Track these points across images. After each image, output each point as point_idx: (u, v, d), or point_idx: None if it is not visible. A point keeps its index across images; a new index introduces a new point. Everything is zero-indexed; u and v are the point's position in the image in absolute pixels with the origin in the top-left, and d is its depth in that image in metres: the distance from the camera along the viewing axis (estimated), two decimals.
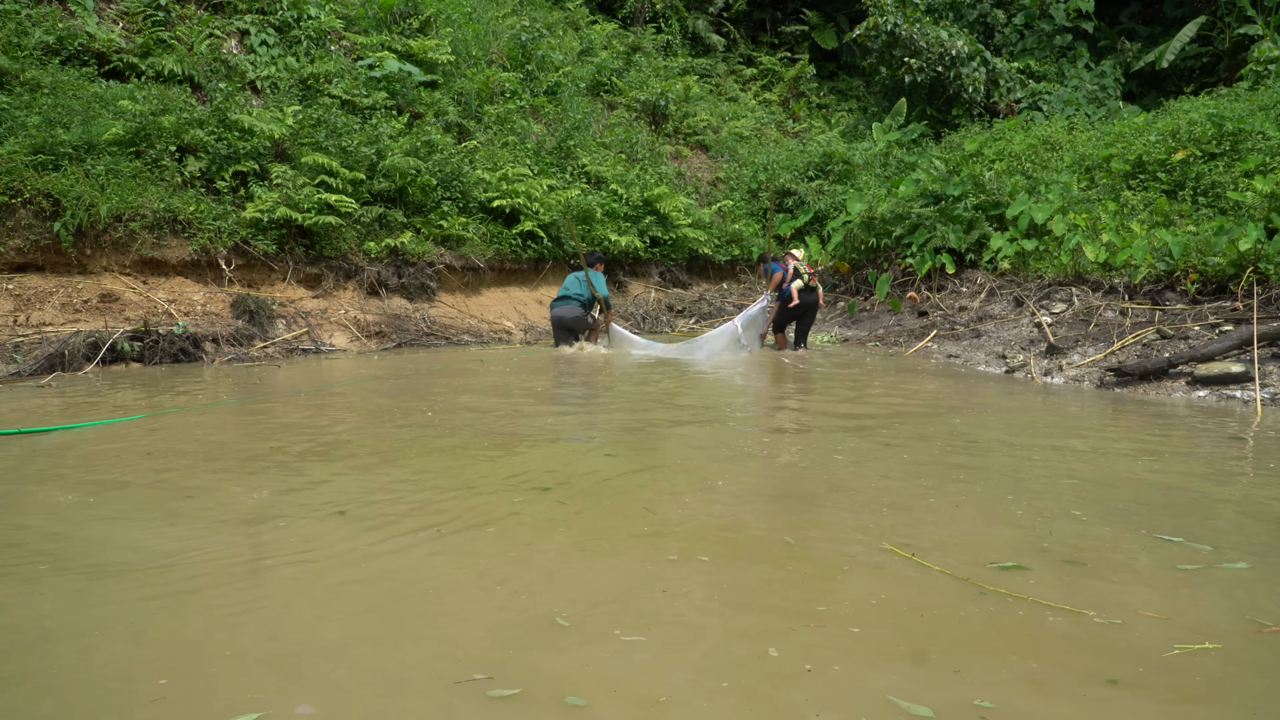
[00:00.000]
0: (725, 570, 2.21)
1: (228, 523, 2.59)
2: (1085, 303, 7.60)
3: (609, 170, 11.62)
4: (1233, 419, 4.57)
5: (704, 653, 1.75)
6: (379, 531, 2.50)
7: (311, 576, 2.14)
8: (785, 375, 6.80)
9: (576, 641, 1.78)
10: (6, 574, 2.17)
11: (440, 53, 10.77)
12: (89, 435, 3.89)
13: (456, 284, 9.70)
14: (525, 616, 1.90)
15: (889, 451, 3.61)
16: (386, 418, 4.45)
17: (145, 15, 8.98)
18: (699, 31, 17.68)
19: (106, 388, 5.48)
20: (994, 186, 9.83)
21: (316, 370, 6.60)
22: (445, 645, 1.77)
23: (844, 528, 2.55)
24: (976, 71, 14.82)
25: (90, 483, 3.07)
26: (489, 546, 2.37)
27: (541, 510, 2.72)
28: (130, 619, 1.90)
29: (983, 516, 2.68)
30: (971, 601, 1.99)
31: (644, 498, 2.86)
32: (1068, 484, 3.10)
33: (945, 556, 2.28)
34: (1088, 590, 2.07)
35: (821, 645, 1.77)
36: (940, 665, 1.68)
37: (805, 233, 12.86)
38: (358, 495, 2.88)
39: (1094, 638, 1.81)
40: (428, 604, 1.98)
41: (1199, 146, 9.14)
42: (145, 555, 2.30)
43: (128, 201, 7.18)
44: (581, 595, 2.03)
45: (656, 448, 3.73)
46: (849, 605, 1.97)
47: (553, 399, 5.28)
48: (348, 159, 8.60)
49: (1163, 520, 2.64)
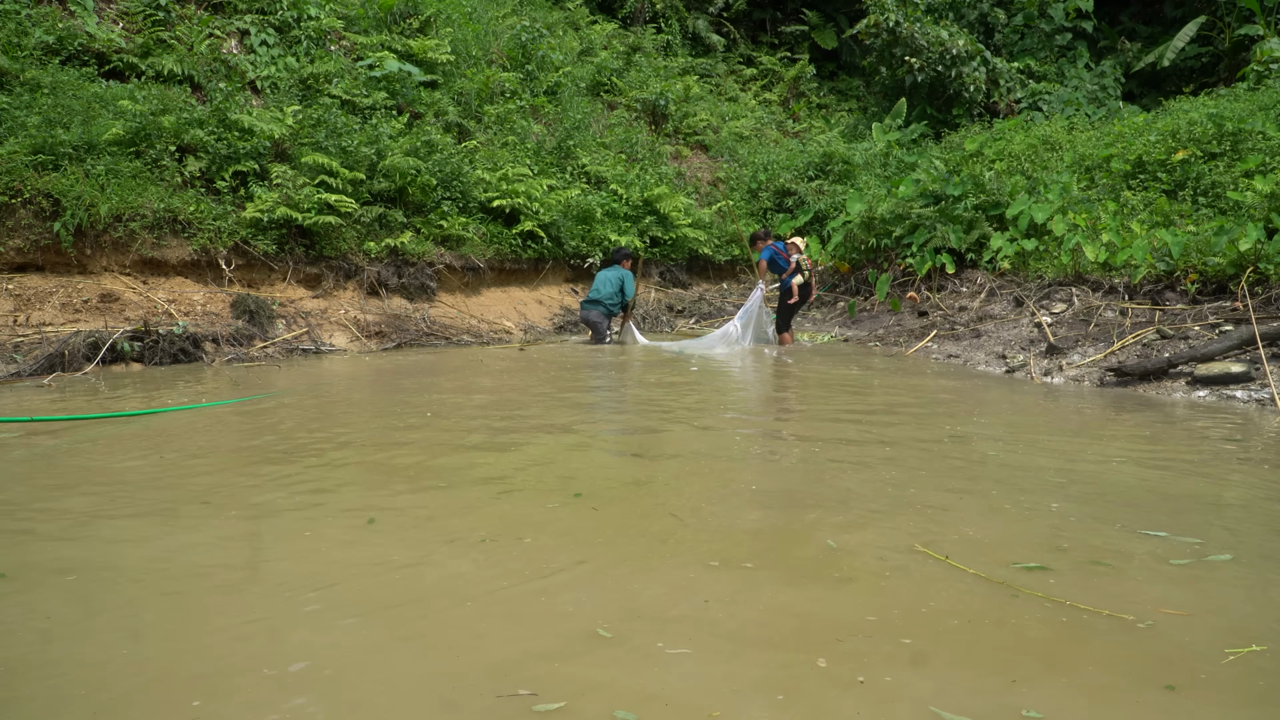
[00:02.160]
0: (768, 577, 2.16)
1: (256, 530, 2.54)
2: (1085, 303, 7.59)
3: (609, 170, 11.63)
4: (1234, 418, 4.57)
5: (753, 664, 1.70)
6: (410, 540, 2.45)
7: (346, 587, 2.10)
8: (788, 376, 6.80)
9: (620, 653, 1.74)
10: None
11: (440, 53, 10.78)
12: (107, 431, 3.90)
13: (456, 284, 9.70)
14: (565, 627, 1.86)
15: (897, 453, 3.62)
16: (404, 419, 4.42)
17: (145, 15, 8.98)
18: (699, 31, 17.69)
19: (107, 388, 5.48)
20: (994, 186, 9.83)
21: (318, 370, 6.59)
22: (486, 657, 1.73)
23: (873, 530, 2.54)
24: (977, 71, 14.82)
25: (94, 486, 3.07)
26: (525, 555, 2.31)
27: (575, 517, 2.67)
28: (164, 626, 1.86)
29: (998, 516, 2.68)
30: (1010, 605, 1.96)
31: (675, 503, 2.82)
32: (1073, 483, 3.10)
33: (972, 557, 2.27)
34: (1111, 590, 2.06)
35: (871, 655, 1.72)
36: (994, 675, 1.64)
37: (805, 233, 12.86)
38: (385, 502, 2.83)
39: (1136, 641, 1.78)
40: (465, 614, 1.94)
41: (1199, 146, 9.14)
42: (166, 561, 2.27)
43: (128, 201, 7.18)
44: (622, 605, 1.99)
45: (678, 452, 3.70)
46: (898, 614, 1.91)
47: (567, 401, 5.27)
48: (348, 159, 8.60)
49: (1168, 519, 2.64)
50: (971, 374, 6.66)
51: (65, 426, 4.10)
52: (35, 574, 2.19)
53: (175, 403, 4.85)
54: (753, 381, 6.57)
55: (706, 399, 5.43)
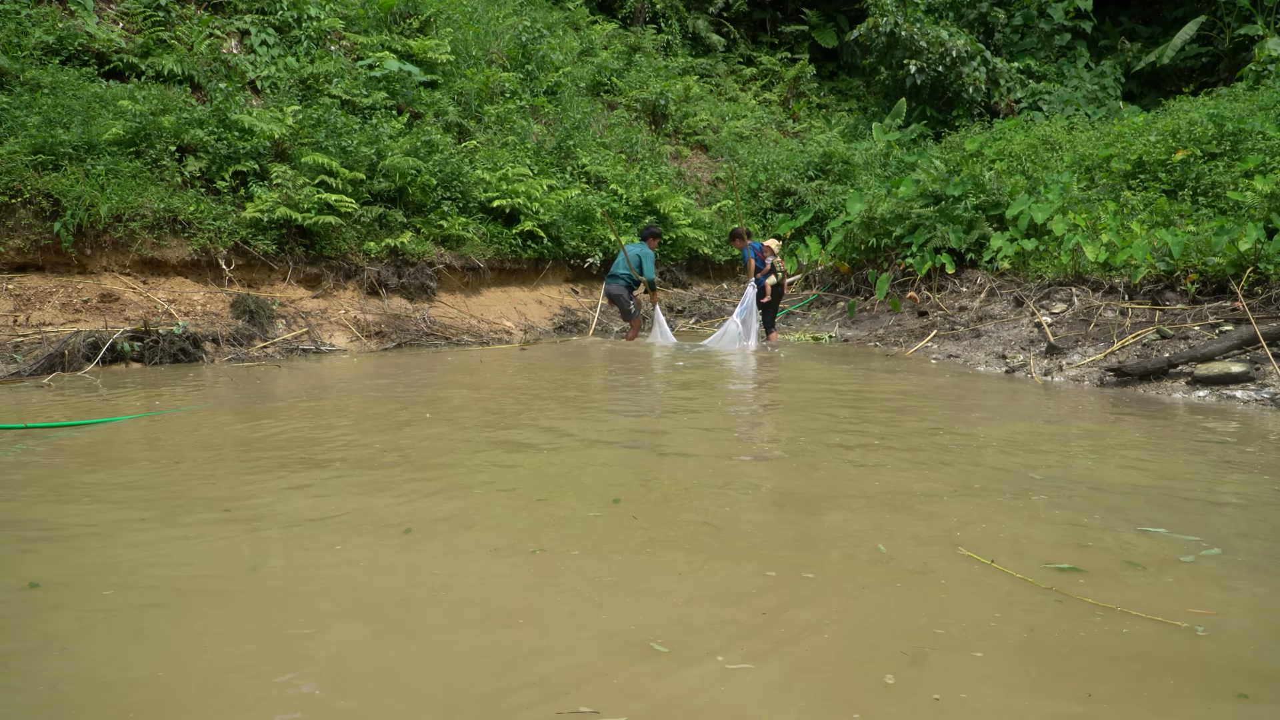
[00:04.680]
0: (824, 586, 2.09)
1: (289, 539, 2.48)
2: (1085, 303, 7.59)
3: (609, 170, 11.62)
4: (1234, 418, 4.56)
5: (819, 681, 1.63)
6: (450, 549, 2.37)
7: (393, 600, 2.02)
8: (788, 376, 6.80)
9: (677, 667, 1.67)
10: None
11: (440, 53, 10.77)
12: (107, 432, 3.89)
13: (456, 284, 9.70)
14: (619, 642, 1.79)
15: (905, 454, 3.63)
16: (421, 421, 4.38)
17: (145, 15, 8.97)
18: (699, 31, 17.68)
19: (107, 388, 5.48)
20: (994, 186, 9.83)
21: (320, 370, 6.59)
22: (541, 672, 1.68)
23: (908, 532, 2.51)
24: (977, 71, 14.81)
25: (103, 487, 3.07)
26: (572, 565, 2.25)
27: (617, 525, 2.59)
28: (206, 636, 1.83)
29: (1014, 516, 2.68)
30: (1062, 612, 1.93)
31: (716, 511, 2.74)
32: (1075, 483, 3.11)
33: (1006, 559, 2.25)
34: (1149, 592, 2.05)
35: (940, 669, 1.66)
36: (1069, 690, 1.59)
37: (805, 233, 12.86)
38: (423, 511, 2.74)
39: (1194, 647, 1.76)
40: (518, 627, 1.87)
41: (1199, 146, 9.14)
42: (195, 569, 2.23)
43: (128, 201, 7.17)
44: (674, 616, 1.91)
45: (703, 453, 3.68)
46: (958, 624, 1.86)
47: (574, 401, 5.27)
48: (348, 159, 8.59)
49: (1176, 518, 2.64)
50: (971, 374, 6.66)
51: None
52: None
53: (174, 405, 4.85)
54: (756, 381, 6.57)
55: (715, 400, 5.43)
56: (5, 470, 3.29)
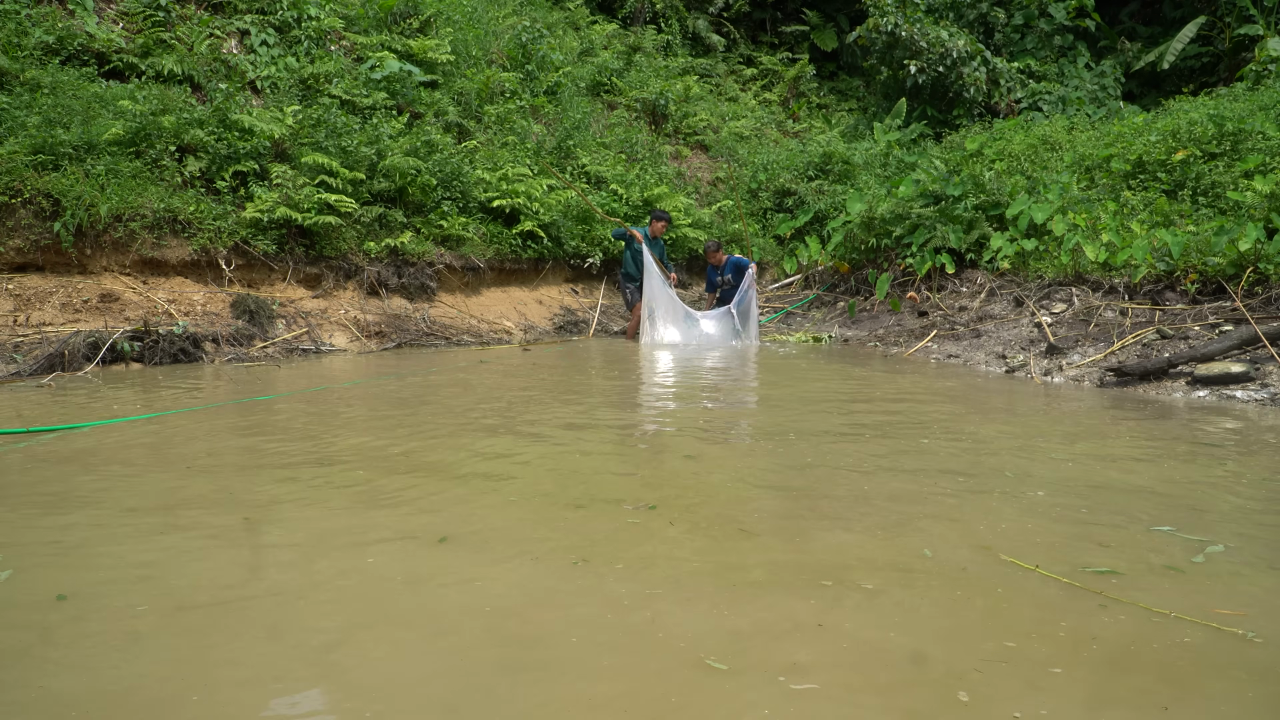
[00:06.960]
0: (879, 598, 2.00)
1: (325, 548, 2.37)
2: (1085, 303, 7.59)
3: (609, 170, 11.62)
4: (1234, 418, 4.57)
5: (889, 701, 1.55)
6: (492, 558, 2.27)
7: (442, 616, 1.91)
8: (789, 377, 6.80)
9: (737, 687, 1.58)
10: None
11: (440, 53, 10.77)
12: (123, 433, 3.90)
13: (456, 284, 9.70)
14: (672, 661, 1.69)
15: (914, 455, 3.63)
16: (435, 424, 4.34)
17: (145, 15, 8.97)
18: (699, 31, 17.68)
19: (107, 388, 5.48)
20: (994, 186, 9.83)
21: (320, 370, 6.59)
22: (599, 691, 1.60)
23: (942, 536, 2.47)
24: (977, 71, 14.81)
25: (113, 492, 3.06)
26: (619, 576, 2.15)
27: (656, 532, 2.48)
28: (257, 656, 1.74)
29: (1033, 516, 2.67)
30: (1111, 617, 1.88)
31: (743, 517, 2.66)
32: (1078, 482, 3.11)
33: (1043, 562, 2.22)
34: (1188, 594, 2.03)
35: (1011, 685, 1.58)
36: (1146, 706, 1.53)
37: (805, 233, 12.86)
38: (459, 519, 2.63)
39: (1254, 655, 1.71)
40: (567, 645, 1.77)
41: (1199, 146, 9.14)
42: (205, 580, 2.14)
43: (128, 201, 7.18)
44: (727, 631, 1.82)
45: (721, 456, 3.63)
46: (1022, 635, 1.79)
47: (577, 402, 5.27)
48: (348, 159, 8.59)
49: (1180, 518, 2.64)
50: (972, 374, 6.66)
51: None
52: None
53: (174, 406, 4.85)
54: (759, 383, 6.57)
55: (718, 401, 5.43)
56: (6, 471, 3.29)
